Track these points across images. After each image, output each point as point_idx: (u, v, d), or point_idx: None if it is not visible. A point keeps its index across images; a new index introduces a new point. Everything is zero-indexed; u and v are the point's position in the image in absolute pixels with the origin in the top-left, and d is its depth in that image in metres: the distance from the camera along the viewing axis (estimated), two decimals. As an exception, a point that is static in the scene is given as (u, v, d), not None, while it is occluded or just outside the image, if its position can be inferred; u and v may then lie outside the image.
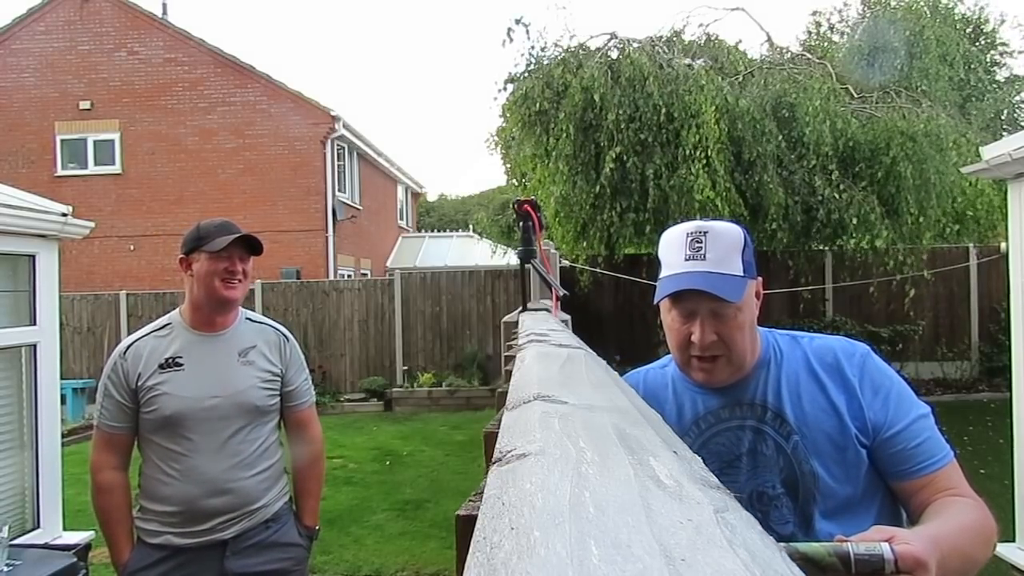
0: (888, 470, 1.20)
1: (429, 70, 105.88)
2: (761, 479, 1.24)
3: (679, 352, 1.27)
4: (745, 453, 1.26)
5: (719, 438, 1.28)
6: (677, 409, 1.33)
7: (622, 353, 9.23)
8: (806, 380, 1.26)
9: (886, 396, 1.22)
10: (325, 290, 10.81)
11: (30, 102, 13.25)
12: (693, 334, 1.22)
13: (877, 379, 1.24)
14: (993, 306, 9.83)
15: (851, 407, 1.21)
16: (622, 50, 8.86)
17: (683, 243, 1.22)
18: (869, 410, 1.20)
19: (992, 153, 3.54)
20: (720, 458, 1.26)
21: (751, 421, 1.26)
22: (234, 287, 2.11)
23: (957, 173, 7.85)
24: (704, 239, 1.21)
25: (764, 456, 1.24)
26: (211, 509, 2.04)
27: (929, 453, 1.18)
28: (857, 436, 1.19)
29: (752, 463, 1.25)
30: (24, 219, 3.24)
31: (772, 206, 8.00)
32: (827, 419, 1.22)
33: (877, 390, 1.22)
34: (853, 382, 1.23)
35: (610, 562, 0.31)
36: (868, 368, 1.25)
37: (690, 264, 1.21)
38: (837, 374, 1.24)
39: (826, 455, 1.20)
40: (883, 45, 11.28)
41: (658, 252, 1.30)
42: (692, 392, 1.32)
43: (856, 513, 1.19)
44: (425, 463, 7.05)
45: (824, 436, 1.21)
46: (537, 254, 1.82)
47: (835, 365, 1.25)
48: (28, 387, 3.38)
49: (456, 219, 32.51)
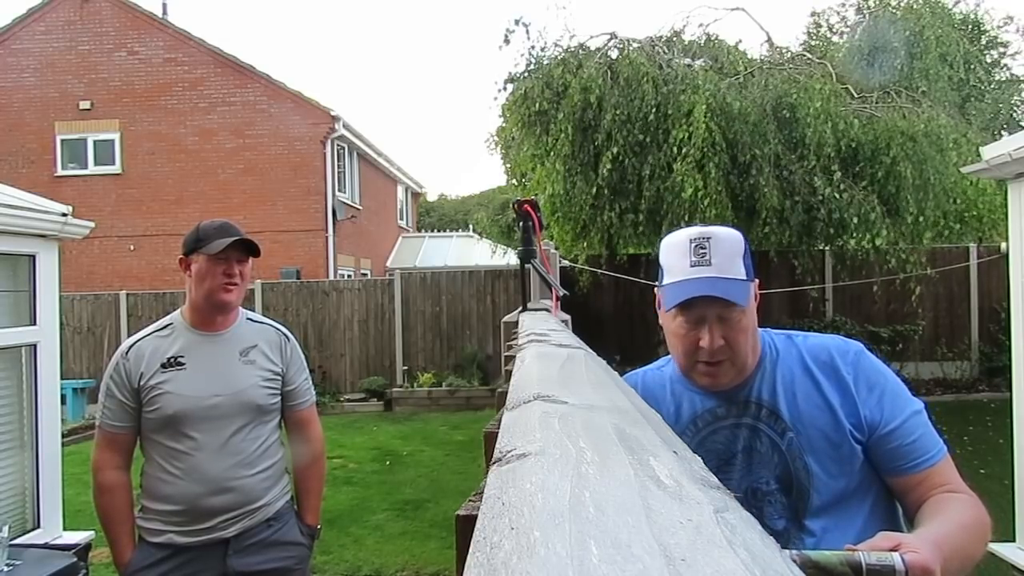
0: (884, 466, 1.22)
1: (429, 70, 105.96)
2: (755, 476, 1.26)
3: (685, 357, 1.27)
4: (741, 451, 1.27)
5: (716, 436, 1.29)
6: (675, 408, 1.34)
7: (622, 353, 9.24)
8: (801, 378, 1.27)
9: (881, 393, 1.23)
10: (325, 290, 10.81)
11: (30, 102, 13.25)
12: (702, 340, 1.22)
13: (871, 376, 1.25)
14: (993, 306, 9.83)
15: (845, 404, 1.23)
16: (622, 50, 8.86)
17: (687, 249, 1.23)
18: (864, 407, 1.22)
19: (992, 153, 3.54)
20: (717, 456, 1.27)
21: (747, 419, 1.27)
22: (231, 289, 2.11)
23: (957, 173, 7.85)
24: (708, 244, 1.22)
25: (759, 453, 1.26)
26: (213, 508, 2.04)
27: (924, 449, 1.20)
28: (851, 432, 1.21)
29: (747, 460, 1.27)
30: (24, 219, 3.24)
31: (765, 209, 7.99)
32: (821, 416, 1.23)
33: (872, 387, 1.24)
34: (847, 379, 1.24)
35: (610, 562, 0.31)
36: (862, 365, 1.26)
37: (696, 270, 1.22)
38: (831, 371, 1.26)
39: (820, 451, 1.22)
40: (883, 45, 11.29)
41: (659, 257, 1.31)
42: (689, 392, 1.33)
43: (849, 507, 1.21)
44: (425, 463, 7.06)
45: (819, 432, 1.22)
46: (537, 254, 1.82)
47: (830, 363, 1.26)
48: (28, 387, 3.38)
49: (456, 219, 32.50)
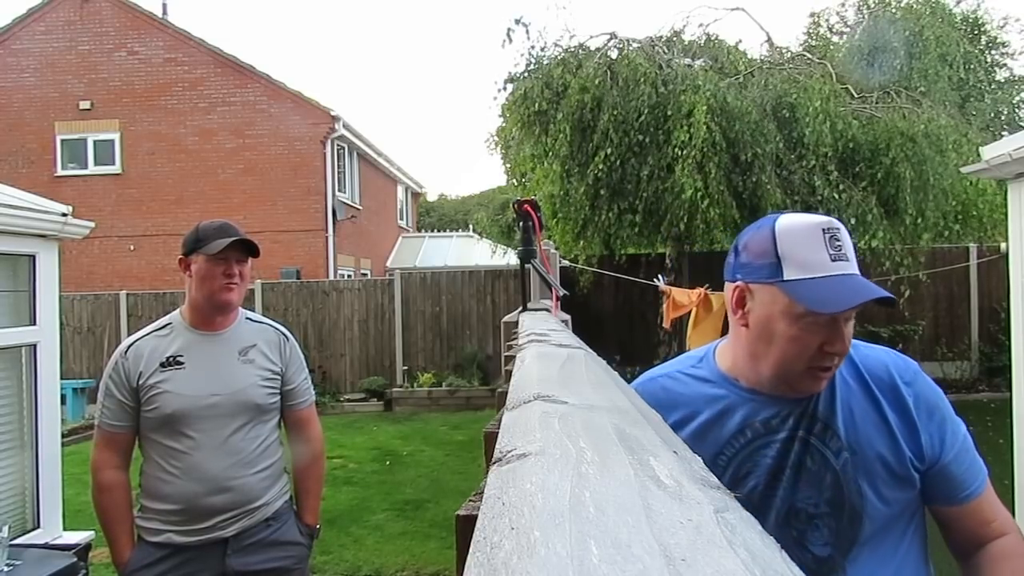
0: (935, 495, 1.15)
1: (429, 70, 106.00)
2: (802, 495, 1.14)
3: (798, 361, 1.10)
4: (790, 466, 1.15)
5: (766, 449, 1.17)
6: (717, 413, 1.19)
7: (622, 353, 9.26)
8: (858, 394, 1.16)
9: (941, 420, 1.16)
10: (325, 290, 10.81)
11: (30, 102, 13.25)
12: (830, 343, 1.07)
13: (931, 400, 1.17)
14: (993, 306, 9.83)
15: (906, 429, 1.14)
16: (621, 50, 8.87)
17: (821, 240, 1.07)
18: (924, 433, 1.14)
19: (992, 153, 3.55)
20: (767, 470, 1.16)
21: (801, 432, 1.15)
22: (231, 290, 2.12)
23: (957, 173, 7.85)
24: (841, 236, 1.08)
25: (809, 471, 1.14)
26: (212, 507, 2.04)
27: (973, 477, 1.15)
28: (912, 460, 1.13)
29: (795, 477, 1.15)
30: (24, 219, 3.24)
31: (770, 207, 7.99)
32: (881, 439, 1.13)
33: (931, 413, 1.16)
34: (908, 402, 1.15)
35: (610, 562, 0.31)
36: (921, 387, 1.17)
37: (839, 265, 1.06)
38: (891, 392, 1.16)
39: (877, 476, 1.12)
40: (883, 45, 11.28)
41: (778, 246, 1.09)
42: (745, 396, 1.19)
43: (889, 534, 1.14)
44: (425, 463, 7.06)
45: (876, 456, 1.13)
46: (537, 254, 1.82)
47: (889, 382, 1.16)
48: (28, 387, 3.38)
49: (456, 219, 32.50)
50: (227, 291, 2.11)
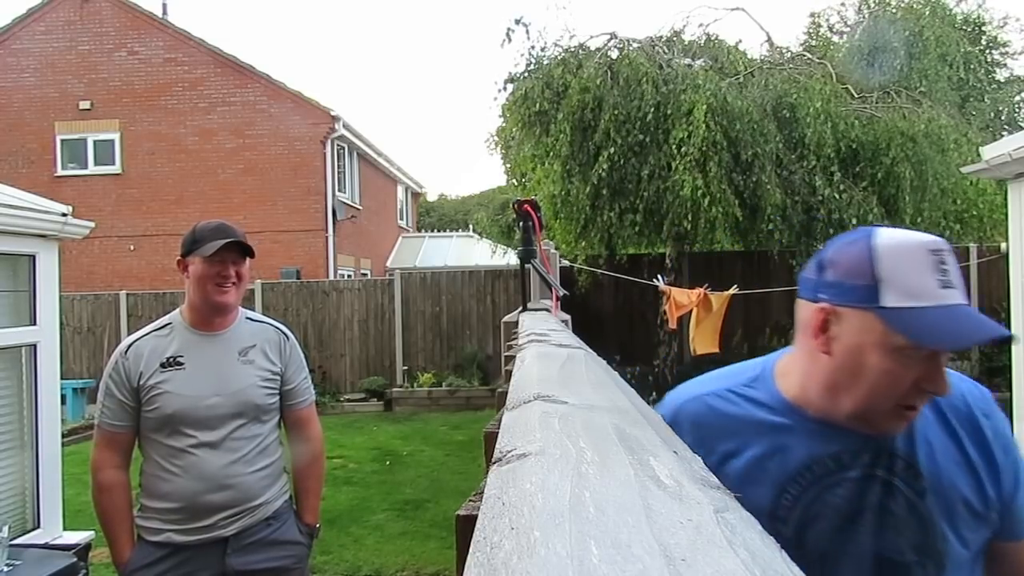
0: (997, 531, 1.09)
1: (429, 70, 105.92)
2: (888, 543, 1.02)
3: (887, 399, 0.97)
4: (869, 508, 1.02)
5: (837, 489, 1.03)
6: (775, 448, 1.06)
7: (622, 353, 9.25)
8: (936, 427, 1.05)
9: (1016, 458, 1.07)
10: (325, 290, 10.81)
11: (30, 102, 13.25)
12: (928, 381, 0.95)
13: (1007, 435, 1.08)
14: (993, 306, 9.81)
15: (987, 466, 1.04)
16: (621, 50, 8.87)
17: (929, 263, 0.94)
18: (1003, 471, 1.05)
19: (992, 153, 3.55)
20: (838, 512, 1.03)
21: (880, 471, 1.03)
22: (227, 291, 2.11)
23: (957, 173, 7.85)
24: (948, 259, 0.96)
25: (893, 516, 1.02)
26: (212, 505, 2.04)
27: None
28: (992, 500, 1.04)
29: (879, 522, 1.02)
30: (24, 219, 3.24)
31: (769, 206, 8.00)
32: (963, 477, 1.03)
33: (1008, 449, 1.06)
34: (987, 435, 1.05)
35: (610, 562, 0.31)
36: (997, 420, 1.08)
37: (948, 293, 0.94)
38: (970, 425, 1.05)
39: (959, 517, 1.01)
40: (883, 45, 11.27)
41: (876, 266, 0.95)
42: (811, 427, 1.05)
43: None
44: (425, 463, 7.06)
45: (959, 496, 1.02)
46: (537, 254, 1.82)
47: (967, 414, 1.06)
48: (28, 387, 3.38)
49: (456, 219, 32.50)
50: (223, 293, 2.11)
